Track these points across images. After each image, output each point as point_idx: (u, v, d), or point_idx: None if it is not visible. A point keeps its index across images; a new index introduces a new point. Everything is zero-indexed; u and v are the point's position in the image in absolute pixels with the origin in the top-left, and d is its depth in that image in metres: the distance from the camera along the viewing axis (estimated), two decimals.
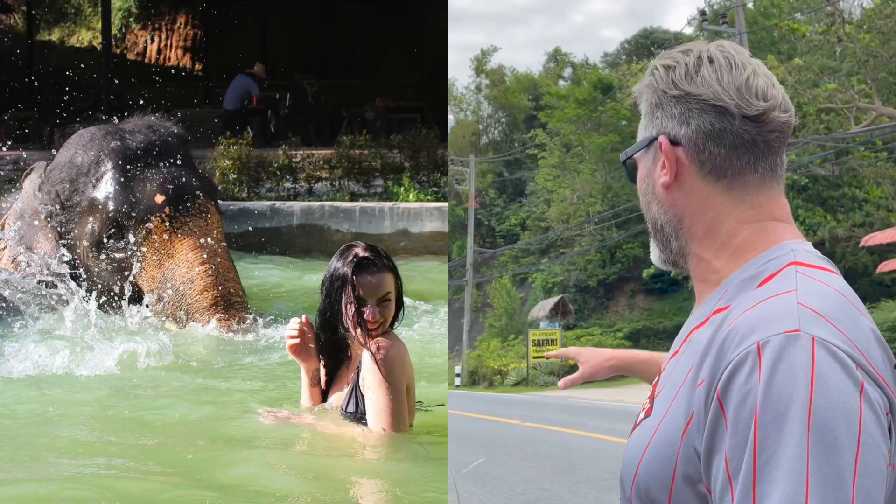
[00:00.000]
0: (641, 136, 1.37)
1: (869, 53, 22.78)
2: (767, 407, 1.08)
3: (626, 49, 46.75)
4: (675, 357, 1.32)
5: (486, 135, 48.62)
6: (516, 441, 11.90)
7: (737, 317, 1.17)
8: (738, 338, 1.14)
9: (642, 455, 1.26)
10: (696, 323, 1.29)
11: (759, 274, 1.24)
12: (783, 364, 1.09)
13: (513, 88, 46.43)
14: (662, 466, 1.22)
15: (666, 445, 1.22)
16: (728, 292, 1.26)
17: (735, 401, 1.11)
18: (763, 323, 1.13)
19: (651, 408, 1.31)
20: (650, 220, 1.37)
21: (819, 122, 24.28)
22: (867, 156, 23.81)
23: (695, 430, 1.18)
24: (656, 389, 1.33)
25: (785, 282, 1.20)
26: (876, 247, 19.05)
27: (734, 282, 1.26)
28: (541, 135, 39.05)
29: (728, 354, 1.14)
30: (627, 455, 1.31)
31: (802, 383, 1.08)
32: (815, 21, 25.89)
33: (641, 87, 1.37)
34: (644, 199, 1.37)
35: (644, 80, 1.37)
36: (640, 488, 1.26)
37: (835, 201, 25.03)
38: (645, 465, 1.25)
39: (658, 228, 1.36)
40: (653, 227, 1.37)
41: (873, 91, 23.36)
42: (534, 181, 40.97)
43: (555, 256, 36.46)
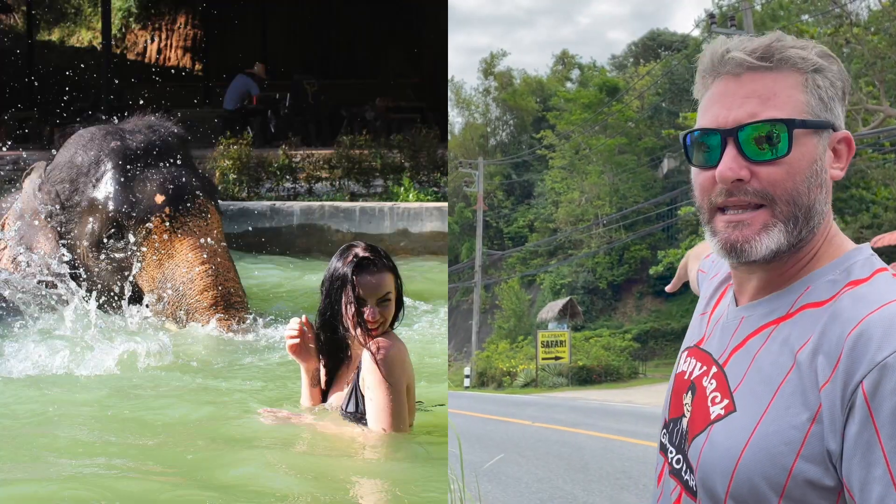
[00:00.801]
0: (802, 108, 1.33)
1: (877, 55, 22.78)
2: None
3: (634, 51, 46.79)
4: (744, 349, 1.35)
5: (494, 137, 48.70)
6: (528, 441, 11.92)
7: (859, 320, 1.22)
8: (875, 343, 1.19)
9: (741, 453, 1.27)
10: (774, 317, 1.33)
11: (847, 275, 1.31)
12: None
13: (521, 91, 46.51)
14: (775, 465, 1.24)
15: (780, 444, 1.24)
16: (811, 290, 1.32)
17: (892, 401, 1.16)
18: (893, 331, 1.19)
19: (731, 403, 1.31)
20: (800, 203, 1.33)
21: None
22: (875, 157, 23.80)
23: (827, 431, 1.21)
24: (728, 383, 1.33)
25: (889, 289, 1.27)
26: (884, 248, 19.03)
27: (818, 279, 1.33)
28: (550, 136, 39.13)
29: (869, 357, 1.19)
30: (713, 454, 1.31)
31: None
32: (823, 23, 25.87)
33: (819, 60, 1.35)
34: (800, 183, 1.32)
35: (824, 58, 1.36)
36: (741, 487, 1.27)
37: (843, 203, 25.01)
38: (748, 464, 1.26)
39: (805, 215, 1.33)
40: (799, 210, 1.33)
41: (881, 93, 23.36)
42: (542, 183, 41.04)
43: (563, 258, 36.55)
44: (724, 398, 1.33)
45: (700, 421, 1.36)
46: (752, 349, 1.34)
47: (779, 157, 1.32)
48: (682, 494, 1.40)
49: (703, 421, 1.36)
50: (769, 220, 1.32)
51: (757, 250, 1.33)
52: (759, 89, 1.34)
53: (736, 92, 1.35)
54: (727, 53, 1.36)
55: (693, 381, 1.43)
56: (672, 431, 1.46)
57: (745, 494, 1.27)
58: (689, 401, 1.42)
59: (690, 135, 1.40)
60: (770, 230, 1.32)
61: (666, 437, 1.49)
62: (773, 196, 1.32)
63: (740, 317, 1.40)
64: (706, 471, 1.32)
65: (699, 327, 1.53)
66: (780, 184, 1.32)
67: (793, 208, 1.32)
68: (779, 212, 1.32)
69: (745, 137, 1.32)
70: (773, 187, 1.32)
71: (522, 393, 25.65)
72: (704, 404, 1.37)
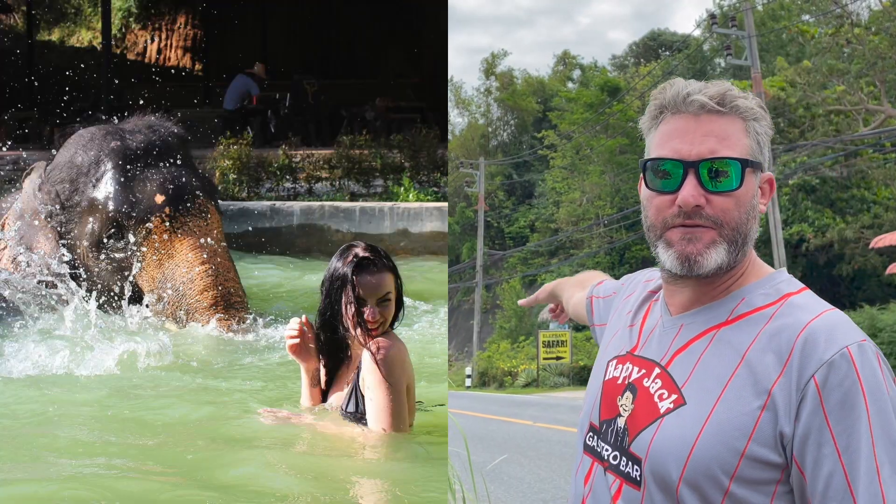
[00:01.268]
0: (749, 150, 1.57)
1: (878, 55, 22.80)
2: (872, 401, 1.41)
3: (634, 51, 46.78)
4: (687, 351, 1.55)
5: (496, 137, 48.71)
6: (530, 441, 11.92)
7: (804, 325, 1.47)
8: (821, 344, 1.44)
9: (695, 441, 1.47)
10: (714, 323, 1.56)
11: (777, 291, 1.56)
12: (868, 364, 1.43)
13: (522, 91, 46.52)
14: (728, 449, 1.45)
15: (733, 430, 1.45)
16: (746, 301, 1.56)
17: (838, 392, 1.41)
18: (839, 331, 1.46)
19: (681, 398, 1.51)
20: (741, 230, 1.56)
21: (828, 123, 24.29)
22: (876, 157, 23.81)
23: (782, 417, 1.43)
24: (675, 381, 1.53)
25: (817, 301, 1.54)
26: (885, 248, 19.05)
27: (752, 293, 1.56)
28: (551, 136, 39.14)
29: (818, 356, 1.44)
30: (665, 443, 1.49)
31: (882, 377, 1.44)
32: (824, 24, 25.87)
33: (758, 110, 1.60)
34: (743, 213, 1.56)
35: (760, 109, 1.60)
36: (695, 471, 1.46)
37: (844, 203, 25.00)
38: (703, 449, 1.46)
39: (742, 239, 1.56)
40: (738, 236, 1.56)
41: (882, 93, 23.36)
42: (543, 183, 41.04)
43: (564, 258, 36.55)
44: (672, 394, 1.52)
45: (646, 416, 1.54)
46: (697, 351, 1.55)
47: (732, 190, 1.55)
48: (623, 486, 1.55)
49: (649, 416, 1.53)
50: (716, 238, 1.55)
51: (707, 264, 1.54)
52: (715, 130, 1.56)
53: (696, 130, 1.56)
54: (689, 96, 1.57)
55: (632, 383, 1.60)
56: (606, 432, 1.62)
57: (699, 477, 1.45)
58: (626, 401, 1.59)
59: (652, 162, 1.60)
60: (717, 247, 1.55)
61: (594, 438, 1.64)
62: (723, 222, 1.55)
63: (679, 324, 1.61)
64: (658, 459, 1.49)
65: (628, 338, 1.70)
66: (729, 212, 1.55)
67: (735, 234, 1.55)
68: (724, 234, 1.55)
69: (705, 170, 1.54)
70: (724, 215, 1.55)
71: (524, 393, 25.65)
72: (650, 402, 1.55)
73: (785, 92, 24.84)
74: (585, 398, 1.73)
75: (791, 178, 23.04)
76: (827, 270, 24.36)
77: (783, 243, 20.14)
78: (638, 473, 1.52)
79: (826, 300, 1.56)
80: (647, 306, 1.73)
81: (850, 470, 1.40)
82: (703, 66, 37.78)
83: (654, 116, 1.61)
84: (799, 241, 24.03)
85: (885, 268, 20.35)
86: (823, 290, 23.84)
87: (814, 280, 24.15)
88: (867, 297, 22.39)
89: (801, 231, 23.78)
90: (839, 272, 24.09)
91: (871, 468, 1.39)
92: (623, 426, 1.57)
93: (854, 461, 1.40)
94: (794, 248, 24.01)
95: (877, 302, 19.63)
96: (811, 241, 23.35)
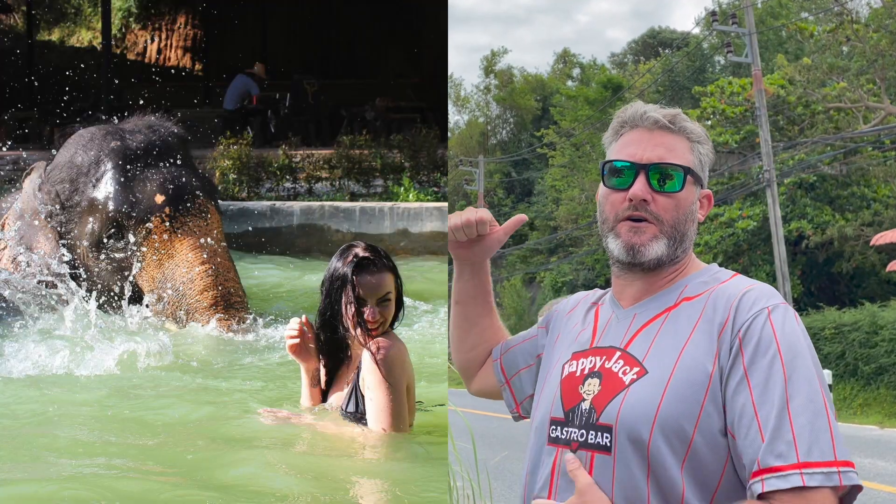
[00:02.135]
0: (691, 164, 1.86)
1: (878, 53, 22.77)
2: (785, 347, 1.67)
3: (634, 49, 46.78)
4: (643, 333, 1.79)
5: (495, 136, 48.67)
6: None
7: (740, 293, 1.75)
8: (750, 304, 1.72)
9: (661, 400, 1.68)
10: (664, 308, 1.82)
11: (715, 278, 1.83)
12: (788, 322, 1.70)
13: (521, 89, 46.51)
14: (689, 405, 1.67)
15: (692, 384, 1.68)
16: (689, 287, 1.83)
17: (753, 343, 1.67)
18: (763, 297, 1.73)
19: (643, 369, 1.74)
20: (679, 228, 1.84)
21: (828, 121, 24.26)
22: (876, 155, 23.78)
23: (724, 368, 1.68)
24: (635, 357, 1.76)
25: (748, 279, 1.81)
26: (885, 246, 19.02)
27: (693, 281, 1.84)
28: (551, 134, 39.14)
29: (745, 314, 1.70)
30: (634, 407, 1.70)
31: (801, 333, 1.71)
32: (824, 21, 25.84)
33: (703, 136, 1.90)
34: (682, 214, 1.84)
35: (704, 135, 1.90)
36: (663, 425, 1.67)
37: (843, 200, 24.95)
38: (668, 407, 1.67)
39: (680, 238, 1.85)
40: (677, 233, 1.84)
41: (882, 90, 23.34)
42: (542, 181, 41.05)
43: (563, 256, 36.54)
44: (635, 367, 1.75)
45: (612, 391, 1.75)
46: (653, 330, 1.79)
47: (674, 192, 1.83)
48: (594, 457, 1.73)
49: (615, 389, 1.74)
50: (657, 233, 1.82)
51: (648, 253, 1.81)
52: (665, 142, 1.85)
53: (649, 140, 1.85)
54: (645, 114, 1.87)
55: (597, 370, 1.80)
56: (571, 419, 1.79)
57: (667, 429, 1.66)
58: (592, 387, 1.79)
59: (610, 164, 1.88)
60: (658, 240, 1.82)
61: (558, 430, 1.81)
62: (663, 219, 1.82)
63: (633, 314, 1.85)
64: (628, 421, 1.69)
65: (582, 339, 1.91)
66: (670, 211, 1.83)
67: (674, 231, 1.83)
68: (664, 230, 1.82)
69: (654, 172, 1.82)
70: (665, 213, 1.82)
71: None
72: (615, 379, 1.76)
73: (784, 90, 24.82)
74: (540, 404, 1.91)
75: (788, 176, 23.01)
76: (826, 268, 24.33)
77: (783, 241, 20.13)
78: (608, 440, 1.71)
79: (826, 298, 1.71)
80: (595, 311, 1.96)
81: (757, 401, 1.63)
82: (702, 63, 37.77)
83: (616, 131, 1.91)
84: (798, 239, 24.02)
85: (885, 265, 20.34)
86: (823, 288, 23.82)
87: (813, 277, 24.13)
88: (867, 294, 22.37)
89: (799, 228, 23.77)
90: (839, 269, 24.07)
91: (782, 399, 1.62)
92: (588, 407, 1.77)
93: (763, 393, 1.63)
94: (794, 245, 23.99)
95: (876, 299, 19.62)
96: (811, 238, 23.33)
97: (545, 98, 44.79)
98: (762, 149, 20.36)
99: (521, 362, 2.15)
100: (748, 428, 1.62)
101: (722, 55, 32.01)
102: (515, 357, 2.17)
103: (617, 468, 1.69)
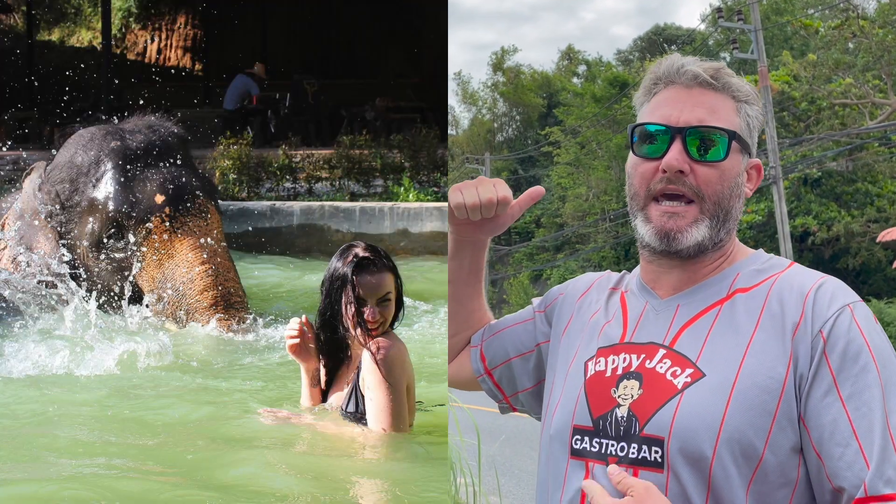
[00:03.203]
0: (737, 127, 1.56)
1: (884, 48, 22.77)
2: (877, 354, 1.44)
3: (639, 46, 46.78)
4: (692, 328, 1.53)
5: (501, 133, 48.68)
6: (538, 434, 11.91)
7: (809, 288, 1.50)
8: (828, 300, 1.47)
9: (725, 409, 1.44)
10: (715, 300, 1.55)
11: (771, 266, 1.58)
12: (872, 323, 1.48)
13: (527, 86, 46.53)
14: (759, 416, 1.44)
15: (761, 392, 1.44)
16: (741, 276, 1.56)
17: (840, 348, 1.44)
18: (840, 292, 1.49)
19: (697, 371, 1.48)
20: (723, 206, 1.55)
21: (834, 117, 24.26)
22: (882, 151, 23.78)
23: (801, 370, 1.45)
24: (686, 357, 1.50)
25: (812, 270, 1.57)
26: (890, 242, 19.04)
27: (745, 269, 1.57)
28: (556, 132, 39.17)
29: (824, 312, 1.46)
30: (692, 417, 1.44)
31: (884, 334, 1.49)
32: (830, 17, 25.82)
33: (752, 94, 1.61)
34: (726, 188, 1.55)
35: (753, 94, 1.61)
36: (730, 439, 1.42)
37: (849, 196, 24.96)
38: (734, 418, 1.43)
39: (725, 216, 1.56)
40: (721, 211, 1.55)
41: (888, 86, 23.33)
42: (548, 178, 41.12)
43: (570, 253, 36.60)
44: (687, 368, 1.49)
45: (659, 396, 1.49)
46: (703, 327, 1.52)
47: (716, 161, 1.54)
48: (639, 474, 1.47)
49: (664, 394, 1.48)
50: (698, 215, 1.54)
51: (687, 239, 1.54)
52: (706, 102, 1.55)
53: (686, 99, 1.56)
54: (682, 67, 1.58)
55: (634, 371, 1.54)
56: (603, 428, 1.53)
57: (734, 445, 1.42)
58: (629, 389, 1.52)
59: (640, 127, 1.58)
60: (698, 224, 1.54)
61: (584, 440, 1.55)
62: (704, 194, 1.53)
63: (675, 305, 1.58)
64: (686, 434, 1.44)
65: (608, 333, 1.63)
66: (712, 184, 1.54)
67: (716, 208, 1.54)
68: (706, 209, 1.54)
69: (692, 138, 1.53)
70: (707, 186, 1.53)
71: None
72: (662, 382, 1.50)
73: (790, 86, 24.80)
74: (556, 409, 1.64)
75: (793, 172, 22.99)
76: (832, 264, 24.34)
77: (790, 237, 20.14)
78: (659, 455, 1.45)
79: None
80: (619, 299, 1.69)
81: (854, 416, 1.41)
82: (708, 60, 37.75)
83: (648, 89, 1.62)
84: (804, 235, 24.01)
85: (891, 262, 20.35)
86: None
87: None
88: (873, 290, 22.39)
89: (805, 224, 23.76)
90: (845, 266, 24.07)
91: (883, 416, 1.40)
92: (627, 414, 1.50)
93: (859, 408, 1.41)
94: (800, 241, 23.99)
95: (883, 296, 19.65)
96: (817, 234, 23.33)
97: (551, 95, 44.80)
98: (768, 145, 20.37)
99: (511, 350, 1.88)
100: (844, 447, 1.41)
101: (727, 52, 31.98)
102: (503, 344, 1.90)
103: (671, 488, 1.44)
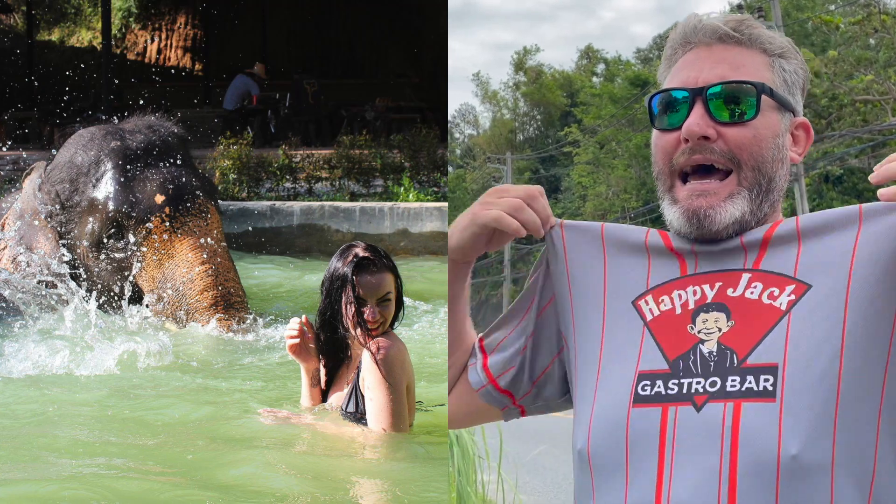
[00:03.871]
0: (769, 81, 1.35)
1: None
2: None
3: (659, 44, 46.80)
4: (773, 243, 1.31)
5: (522, 132, 48.75)
6: (562, 433, 11.92)
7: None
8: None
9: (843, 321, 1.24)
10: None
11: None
12: None
13: (549, 85, 46.59)
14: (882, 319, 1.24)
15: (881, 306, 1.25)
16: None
17: None
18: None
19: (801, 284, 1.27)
20: (765, 170, 1.32)
21: (856, 113, 24.21)
22: None
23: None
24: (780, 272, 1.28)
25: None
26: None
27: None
28: (575, 132, 39.26)
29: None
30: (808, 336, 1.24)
31: None
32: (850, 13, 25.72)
33: (787, 47, 1.39)
34: (766, 150, 1.33)
35: (789, 47, 1.39)
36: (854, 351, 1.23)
37: (871, 193, 24.87)
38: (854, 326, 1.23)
39: (768, 185, 1.33)
40: (762, 178, 1.33)
41: None
42: (569, 177, 41.17)
43: None
44: (787, 285, 1.27)
45: (760, 323, 1.27)
46: (788, 238, 1.30)
47: (746, 121, 1.31)
48: (742, 406, 1.24)
49: (767, 320, 1.26)
50: (734, 188, 1.31)
51: (721, 217, 1.30)
52: (728, 58, 1.34)
53: (706, 58, 1.35)
54: (700, 23, 1.37)
55: (711, 301, 1.31)
56: (684, 368, 1.29)
57: (857, 359, 1.22)
58: (714, 323, 1.29)
59: (657, 97, 1.38)
60: (735, 198, 1.31)
61: (655, 385, 1.29)
62: (740, 160, 1.31)
63: (737, 239, 1.35)
64: (807, 354, 1.23)
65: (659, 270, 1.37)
66: (746, 147, 1.31)
67: (757, 175, 1.32)
68: (744, 178, 1.31)
69: (714, 97, 1.32)
70: (740, 150, 1.31)
71: None
72: (756, 308, 1.27)
73: (811, 83, 24.77)
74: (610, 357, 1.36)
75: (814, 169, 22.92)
76: None
77: None
78: (770, 382, 1.23)
79: None
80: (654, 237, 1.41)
81: None
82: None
83: (669, 58, 1.42)
84: None
85: None
86: None
87: None
88: None
89: None
90: None
91: None
92: (717, 348, 1.27)
93: None
94: None
95: None
96: None
97: (572, 94, 44.87)
98: None
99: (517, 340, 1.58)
100: None
101: None
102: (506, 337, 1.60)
103: (784, 416, 1.22)
